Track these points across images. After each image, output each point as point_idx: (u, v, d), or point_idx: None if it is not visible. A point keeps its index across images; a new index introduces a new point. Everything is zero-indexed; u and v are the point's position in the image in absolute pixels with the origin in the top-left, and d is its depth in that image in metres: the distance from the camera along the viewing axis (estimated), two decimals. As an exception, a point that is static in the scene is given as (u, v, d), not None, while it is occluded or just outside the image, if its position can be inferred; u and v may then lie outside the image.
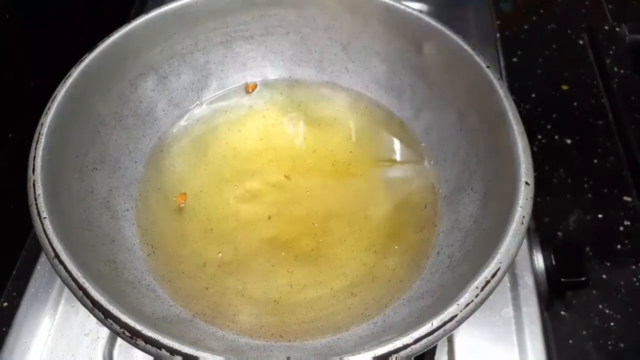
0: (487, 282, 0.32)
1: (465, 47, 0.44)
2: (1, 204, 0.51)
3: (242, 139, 0.52)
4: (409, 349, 0.30)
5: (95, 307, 0.32)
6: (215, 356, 0.31)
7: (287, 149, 0.51)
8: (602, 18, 0.76)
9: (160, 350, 0.30)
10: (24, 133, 0.40)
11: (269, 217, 0.47)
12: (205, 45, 0.54)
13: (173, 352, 0.30)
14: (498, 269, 0.33)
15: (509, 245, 0.34)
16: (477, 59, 0.43)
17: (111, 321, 0.32)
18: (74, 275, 0.33)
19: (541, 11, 0.77)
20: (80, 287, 0.32)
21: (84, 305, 0.33)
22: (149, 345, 0.31)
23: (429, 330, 0.31)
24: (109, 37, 0.47)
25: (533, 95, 0.65)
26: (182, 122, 0.53)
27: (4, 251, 0.53)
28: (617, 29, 0.72)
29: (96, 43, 0.46)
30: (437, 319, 0.31)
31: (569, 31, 0.74)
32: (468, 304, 0.32)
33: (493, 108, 0.42)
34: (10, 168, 0.39)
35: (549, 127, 0.62)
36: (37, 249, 0.53)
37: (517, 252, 0.34)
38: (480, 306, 0.32)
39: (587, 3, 0.78)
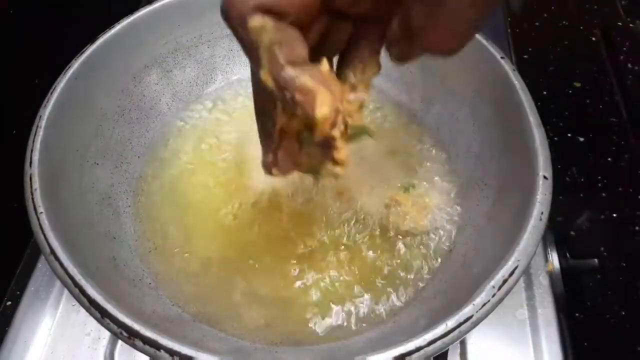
0: (505, 281, 0.31)
1: (479, 37, 0.43)
2: (5, 201, 0.50)
3: (249, 133, 0.51)
4: (422, 351, 0.29)
5: (92, 306, 0.31)
6: (215, 358, 0.29)
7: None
8: (615, 14, 0.74)
9: (159, 351, 0.29)
10: (27, 130, 0.40)
11: (278, 213, 0.45)
12: (210, 39, 0.52)
13: (172, 353, 0.29)
14: (516, 267, 0.31)
15: (527, 242, 0.32)
16: (492, 49, 0.42)
17: (108, 320, 0.30)
18: (70, 272, 0.32)
19: (552, 7, 0.75)
20: (77, 285, 0.31)
21: (80, 304, 0.31)
22: (148, 346, 0.29)
23: (443, 332, 0.30)
24: (111, 28, 0.46)
25: (545, 93, 0.64)
26: (187, 117, 0.52)
27: (8, 249, 0.52)
28: (630, 25, 0.71)
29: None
30: (451, 320, 0.30)
31: (581, 27, 0.72)
32: (484, 304, 0.30)
33: (508, 100, 0.40)
34: (13, 165, 0.39)
35: (561, 125, 0.61)
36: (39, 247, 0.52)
37: (535, 250, 0.33)
38: (497, 306, 0.31)
39: (599, -1, 0.76)
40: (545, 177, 0.35)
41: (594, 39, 0.70)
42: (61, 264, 0.32)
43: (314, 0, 0.23)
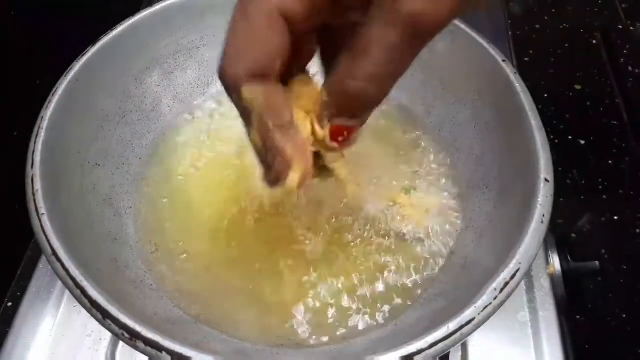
0: (506, 283, 0.31)
1: (480, 40, 0.43)
2: (6, 202, 0.50)
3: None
4: (423, 354, 0.29)
5: (93, 307, 0.31)
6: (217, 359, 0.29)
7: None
8: (615, 17, 0.74)
9: (161, 352, 0.29)
10: (28, 131, 0.40)
11: (280, 215, 0.45)
12: (212, 40, 0.52)
13: (174, 354, 0.29)
14: (517, 270, 0.31)
15: (529, 245, 0.32)
16: (493, 52, 0.42)
17: (110, 322, 0.30)
18: (72, 273, 0.32)
19: (553, 10, 0.75)
20: (78, 286, 0.31)
21: (82, 305, 0.31)
22: (149, 348, 0.29)
23: (444, 335, 0.29)
24: (112, 30, 0.46)
25: (545, 95, 0.64)
26: (188, 118, 0.52)
27: (9, 250, 0.52)
28: (631, 28, 0.71)
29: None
30: (453, 323, 0.30)
31: (581, 30, 0.72)
32: (486, 307, 0.30)
33: (509, 103, 0.40)
34: (15, 166, 0.39)
35: (562, 127, 0.61)
36: (40, 248, 0.52)
37: (537, 253, 0.32)
38: (498, 309, 0.31)
39: (600, 2, 0.76)
40: (546, 180, 0.35)
41: (594, 41, 0.70)
42: (63, 265, 0.32)
43: (288, 46, 0.25)
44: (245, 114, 0.27)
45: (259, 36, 0.24)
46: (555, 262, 0.49)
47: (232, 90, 0.26)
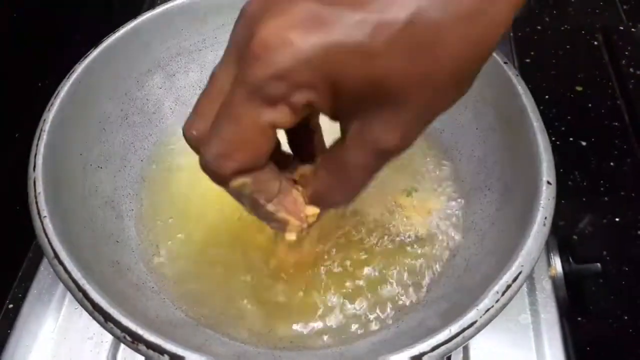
0: (509, 286, 0.31)
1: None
2: (8, 204, 0.50)
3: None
4: (425, 356, 0.29)
5: (95, 310, 0.31)
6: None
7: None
8: (617, 18, 0.74)
9: (163, 355, 0.29)
10: (29, 133, 0.40)
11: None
12: (214, 42, 0.52)
13: (176, 357, 0.29)
14: (520, 273, 0.31)
15: (531, 247, 0.32)
16: (494, 54, 0.42)
17: (112, 325, 0.30)
18: (74, 276, 0.32)
19: (554, 12, 0.75)
20: (80, 289, 0.31)
21: (84, 308, 0.31)
22: (151, 351, 0.29)
23: (447, 337, 0.29)
24: (114, 32, 0.46)
25: (547, 97, 0.64)
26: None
27: (10, 252, 0.52)
28: (632, 29, 0.71)
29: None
30: (455, 325, 0.30)
31: (583, 32, 0.72)
32: (488, 310, 0.30)
33: (511, 105, 0.40)
34: (16, 168, 0.39)
35: (563, 129, 0.61)
36: (42, 250, 0.52)
37: (539, 255, 0.32)
38: (500, 312, 0.31)
39: (601, 3, 0.76)
40: (548, 182, 0.35)
41: (595, 43, 0.70)
42: (65, 268, 0.32)
43: (274, 139, 0.25)
44: (236, 196, 0.28)
45: (250, 144, 0.24)
46: (557, 264, 0.49)
47: (220, 183, 0.27)
